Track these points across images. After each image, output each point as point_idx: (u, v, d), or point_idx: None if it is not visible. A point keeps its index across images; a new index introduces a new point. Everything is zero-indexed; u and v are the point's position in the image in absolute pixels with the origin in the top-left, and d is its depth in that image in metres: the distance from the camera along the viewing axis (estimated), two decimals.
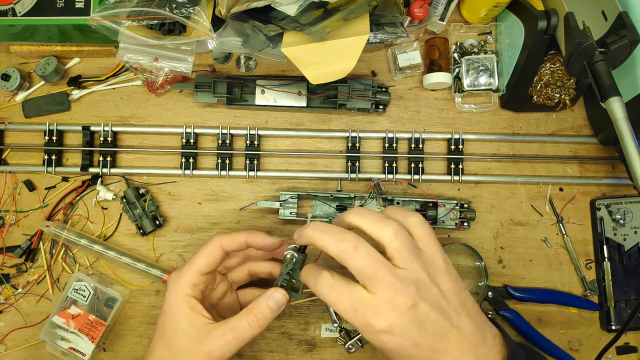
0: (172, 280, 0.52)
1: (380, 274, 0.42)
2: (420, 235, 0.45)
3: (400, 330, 0.41)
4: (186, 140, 0.65)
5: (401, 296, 0.41)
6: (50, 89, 0.67)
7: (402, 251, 0.43)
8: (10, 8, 0.61)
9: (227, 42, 0.59)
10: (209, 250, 0.52)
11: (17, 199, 0.65)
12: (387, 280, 0.41)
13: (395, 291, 0.41)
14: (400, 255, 0.43)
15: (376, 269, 0.42)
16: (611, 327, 0.63)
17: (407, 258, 0.43)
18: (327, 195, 0.64)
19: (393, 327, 0.41)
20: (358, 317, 0.42)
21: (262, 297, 0.49)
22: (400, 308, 0.41)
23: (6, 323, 0.63)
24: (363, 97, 0.63)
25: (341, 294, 0.43)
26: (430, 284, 0.43)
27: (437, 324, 0.42)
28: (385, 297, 0.41)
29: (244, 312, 0.49)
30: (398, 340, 0.41)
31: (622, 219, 0.64)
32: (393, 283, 0.41)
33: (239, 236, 0.52)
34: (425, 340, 0.42)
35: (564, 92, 0.63)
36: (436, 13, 0.64)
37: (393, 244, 0.43)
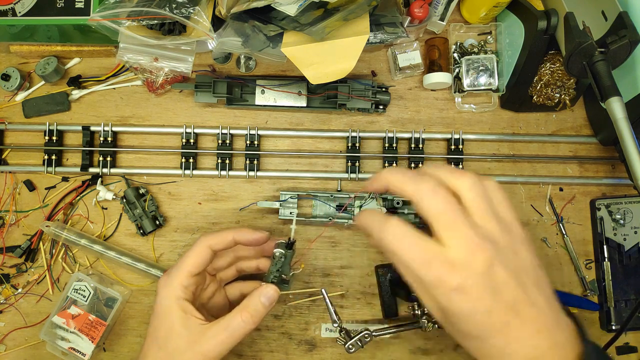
0: (163, 283, 0.51)
1: (459, 223, 0.39)
2: (498, 199, 0.41)
3: (475, 291, 0.38)
4: (186, 140, 0.65)
5: (480, 253, 0.38)
6: (50, 89, 0.67)
7: (480, 204, 0.40)
8: (10, 8, 0.61)
9: (227, 42, 0.59)
10: (197, 251, 0.51)
11: (17, 199, 0.65)
12: (465, 232, 0.38)
13: (474, 246, 0.38)
14: (479, 208, 0.40)
15: (455, 217, 0.39)
16: (611, 327, 0.63)
17: (486, 214, 0.40)
18: (327, 195, 0.64)
19: (468, 285, 0.38)
20: (431, 271, 0.38)
21: (254, 294, 0.50)
22: (477, 266, 0.38)
23: (6, 323, 0.63)
24: (363, 97, 0.63)
25: (413, 244, 0.39)
26: (509, 249, 0.39)
27: (514, 294, 0.38)
28: (462, 252, 0.38)
29: (237, 310, 0.49)
30: (471, 302, 0.38)
31: (622, 219, 0.64)
32: (472, 237, 0.38)
33: (227, 234, 0.52)
34: (499, 308, 0.38)
35: (564, 92, 0.63)
36: (436, 13, 0.64)
37: (470, 194, 0.40)
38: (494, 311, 0.38)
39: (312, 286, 0.64)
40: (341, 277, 0.64)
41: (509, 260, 0.39)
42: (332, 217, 0.63)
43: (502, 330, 0.38)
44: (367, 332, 0.57)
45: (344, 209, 0.63)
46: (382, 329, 0.60)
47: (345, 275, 0.64)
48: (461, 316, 0.39)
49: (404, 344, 0.63)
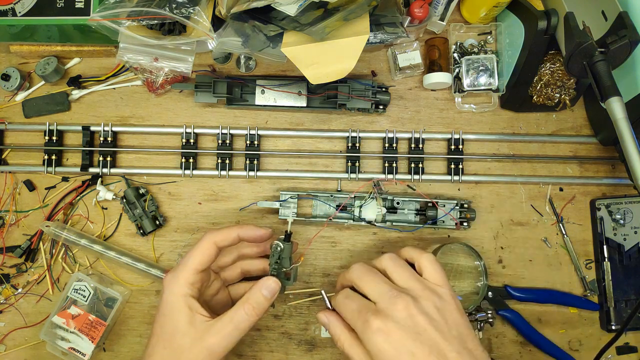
0: (169, 281, 0.51)
1: (380, 284, 0.48)
2: (430, 269, 0.50)
3: (396, 333, 0.44)
4: (186, 140, 0.65)
5: (400, 302, 0.45)
6: (50, 89, 0.67)
7: (399, 271, 0.49)
8: (10, 8, 0.61)
9: (227, 42, 0.59)
10: (203, 247, 0.52)
11: (17, 199, 0.65)
12: (385, 289, 0.47)
13: (395, 297, 0.46)
14: (398, 274, 0.49)
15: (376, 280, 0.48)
16: (611, 327, 0.63)
17: (406, 277, 0.48)
18: (327, 195, 0.64)
19: (389, 328, 0.44)
20: (360, 316, 0.46)
21: (255, 286, 0.51)
22: (397, 312, 0.45)
23: (6, 323, 0.63)
24: (363, 97, 0.63)
25: (353, 300, 0.49)
26: (431, 305, 0.46)
27: (435, 340, 0.44)
28: (385, 303, 0.46)
29: (239, 303, 0.50)
30: (393, 344, 0.44)
31: (622, 219, 0.64)
32: (392, 291, 0.47)
33: (231, 231, 0.53)
34: (421, 352, 0.43)
35: (564, 92, 0.63)
36: (436, 13, 0.64)
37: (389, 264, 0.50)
38: (416, 354, 0.43)
39: (312, 286, 0.64)
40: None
41: (430, 313, 0.46)
42: (332, 217, 0.63)
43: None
44: None
45: (342, 208, 0.63)
46: None
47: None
48: (383, 357, 0.44)
49: None
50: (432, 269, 0.50)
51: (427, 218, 0.63)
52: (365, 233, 0.65)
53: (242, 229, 0.54)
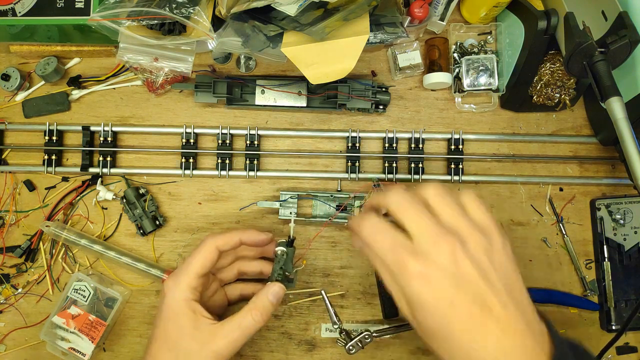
0: (170, 285, 0.51)
1: (425, 219, 0.40)
2: (473, 206, 0.43)
3: (437, 280, 0.39)
4: (186, 140, 0.65)
5: (444, 245, 0.39)
6: (50, 89, 0.67)
7: (446, 207, 0.41)
8: (10, 8, 0.61)
9: (227, 42, 0.59)
10: (205, 252, 0.52)
11: (17, 199, 0.65)
12: (430, 226, 0.40)
13: (438, 238, 0.39)
14: (445, 209, 0.41)
15: (421, 214, 0.41)
16: (611, 327, 0.63)
17: (452, 213, 0.41)
18: (327, 195, 0.64)
19: (429, 274, 0.39)
20: (395, 256, 0.40)
21: (261, 292, 0.51)
22: (441, 256, 0.39)
23: (6, 323, 0.63)
24: (363, 97, 0.63)
25: (384, 234, 0.42)
26: (480, 249, 0.40)
27: (479, 289, 0.39)
28: (426, 242, 0.40)
29: (246, 309, 0.50)
30: (432, 292, 0.39)
31: (622, 219, 0.64)
32: (436, 230, 0.40)
33: (233, 235, 0.53)
34: (463, 301, 0.38)
35: (564, 92, 0.63)
36: (436, 13, 0.64)
37: (435, 199, 0.42)
38: (456, 303, 0.38)
39: (312, 286, 0.64)
40: (341, 277, 0.64)
41: (477, 257, 0.39)
42: (331, 217, 0.63)
43: (466, 325, 0.38)
44: (367, 333, 0.57)
45: (342, 209, 0.63)
46: (382, 330, 0.60)
47: (345, 275, 0.64)
48: (425, 308, 0.39)
49: (404, 344, 0.63)
50: (478, 208, 0.43)
51: None
52: None
53: (245, 234, 0.54)
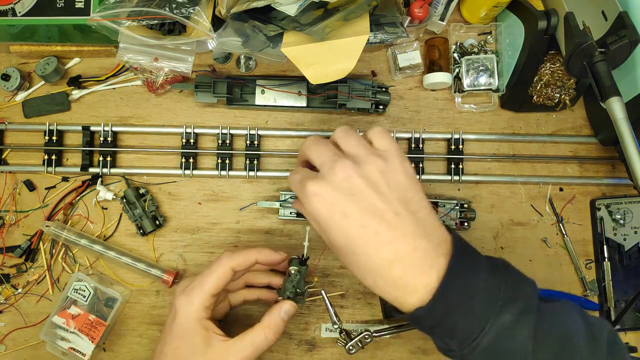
0: (183, 303, 0.50)
1: (325, 152, 0.46)
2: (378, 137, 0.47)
3: (330, 196, 0.43)
4: (186, 140, 0.65)
5: (338, 167, 0.44)
6: (50, 89, 0.67)
7: (348, 140, 0.46)
8: (10, 8, 0.61)
9: (227, 42, 0.59)
10: (220, 272, 0.51)
11: (17, 199, 0.65)
12: (329, 156, 0.45)
13: (334, 162, 0.44)
14: (346, 142, 0.46)
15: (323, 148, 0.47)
16: None
17: (353, 145, 0.46)
18: None
19: (323, 190, 0.43)
20: (300, 185, 0.45)
21: (274, 310, 0.52)
22: (334, 177, 0.43)
23: (6, 323, 0.63)
24: (363, 97, 0.63)
25: (296, 173, 0.48)
26: (374, 168, 0.44)
27: (371, 201, 0.42)
28: (325, 169, 0.45)
29: (259, 327, 0.51)
30: (327, 205, 0.43)
31: (622, 219, 0.64)
32: (334, 157, 0.45)
33: (249, 256, 0.53)
34: (354, 211, 0.42)
35: (564, 92, 0.63)
36: (436, 13, 0.64)
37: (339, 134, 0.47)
38: (349, 213, 0.42)
39: (312, 286, 0.64)
40: (341, 277, 0.64)
41: (371, 176, 0.44)
42: None
43: (360, 234, 0.42)
44: (367, 333, 0.57)
45: None
46: (382, 330, 0.60)
47: (345, 275, 0.64)
48: (324, 223, 0.43)
49: (404, 344, 0.63)
50: (380, 137, 0.47)
51: None
52: None
53: (261, 254, 0.53)
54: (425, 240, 0.42)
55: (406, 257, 0.42)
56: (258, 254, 0.53)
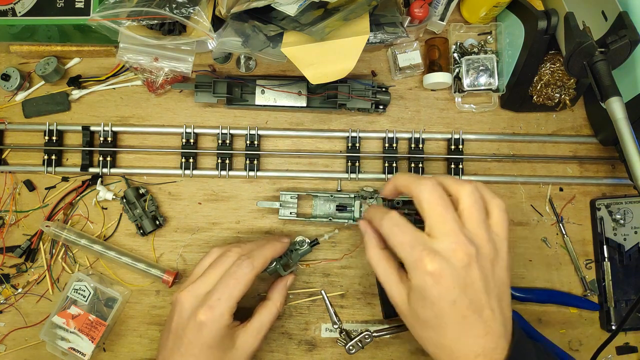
0: (211, 318, 0.50)
1: (449, 220, 0.43)
2: (497, 217, 0.46)
3: (448, 280, 0.42)
4: (186, 140, 0.65)
5: (462, 251, 0.42)
6: (50, 89, 0.67)
7: (475, 212, 0.44)
8: (10, 8, 0.61)
9: (227, 42, 0.59)
10: (247, 281, 0.52)
11: (17, 199, 0.65)
12: (453, 229, 0.43)
13: (459, 243, 0.42)
14: (472, 215, 0.44)
15: (446, 214, 0.43)
16: (611, 327, 0.63)
17: (477, 222, 0.44)
18: (327, 195, 0.64)
19: (442, 274, 0.42)
20: (413, 252, 0.43)
21: (279, 285, 0.58)
22: (456, 260, 0.42)
23: (6, 323, 0.63)
24: (363, 97, 0.63)
25: (405, 231, 0.45)
26: (488, 259, 0.44)
27: (478, 295, 0.43)
28: (446, 245, 0.43)
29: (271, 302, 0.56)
30: (441, 289, 0.42)
31: (622, 219, 0.64)
32: (459, 235, 0.43)
33: (268, 256, 0.55)
34: (462, 303, 0.42)
35: (564, 92, 0.63)
36: (436, 13, 0.64)
37: (467, 200, 0.44)
38: (458, 303, 0.42)
39: (312, 286, 0.64)
40: (341, 277, 0.64)
41: (485, 267, 0.44)
42: (332, 218, 0.63)
43: (458, 323, 0.43)
44: (367, 333, 0.57)
45: (341, 209, 0.63)
46: (382, 330, 0.60)
47: (345, 275, 0.64)
48: (428, 300, 0.43)
49: (404, 344, 0.63)
50: (500, 219, 0.46)
51: None
52: None
53: (276, 250, 0.57)
54: (504, 340, 0.44)
55: (488, 353, 0.43)
56: (273, 251, 0.56)
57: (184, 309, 0.51)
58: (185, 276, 0.64)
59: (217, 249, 0.56)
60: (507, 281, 0.46)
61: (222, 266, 0.53)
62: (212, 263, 0.54)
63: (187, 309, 0.51)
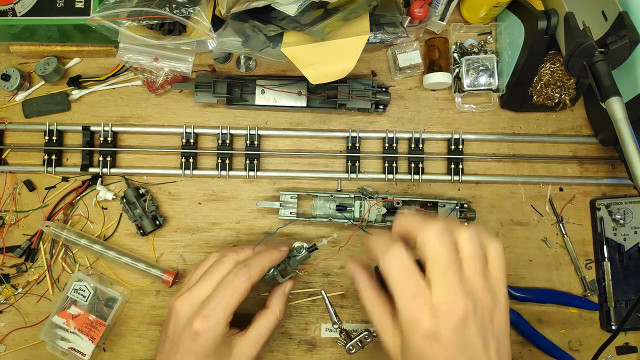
0: (206, 327, 0.49)
1: (450, 272, 0.40)
2: (495, 262, 0.43)
3: (445, 341, 0.40)
4: (186, 140, 0.65)
5: (459, 307, 0.40)
6: (50, 89, 0.67)
7: (474, 260, 0.42)
8: (10, 8, 0.61)
9: (227, 42, 0.59)
10: (244, 291, 0.51)
11: (17, 199, 0.65)
12: (453, 282, 0.40)
13: (456, 298, 0.40)
14: (472, 263, 0.42)
15: (448, 265, 0.41)
16: (611, 327, 0.63)
17: (477, 271, 0.42)
18: (327, 195, 0.64)
19: (441, 334, 0.40)
20: (413, 306, 0.40)
21: (279, 292, 0.56)
22: (454, 318, 0.40)
23: (6, 323, 0.63)
24: (363, 97, 0.63)
25: (410, 280, 0.41)
26: (487, 311, 0.41)
27: (477, 352, 0.40)
28: (445, 299, 0.40)
29: (270, 311, 0.55)
30: (438, 350, 0.40)
31: (622, 219, 0.64)
32: (458, 289, 0.40)
33: (266, 266, 0.54)
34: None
35: (564, 92, 0.63)
36: (436, 13, 0.64)
37: (468, 247, 0.42)
38: None
39: (312, 286, 0.64)
40: (341, 277, 0.64)
41: (483, 321, 0.41)
42: (332, 218, 0.63)
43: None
44: (367, 333, 0.57)
45: (341, 209, 0.63)
46: None
47: (345, 275, 0.64)
48: (423, 358, 0.40)
49: None
50: (499, 264, 0.43)
51: None
52: (365, 233, 0.65)
53: (274, 259, 0.56)
54: None
55: None
56: (270, 261, 0.55)
57: (179, 316, 0.51)
58: (185, 276, 0.64)
59: (215, 253, 0.56)
60: (506, 330, 0.43)
61: (218, 273, 0.52)
62: (209, 269, 0.54)
63: (183, 317, 0.51)
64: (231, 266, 0.53)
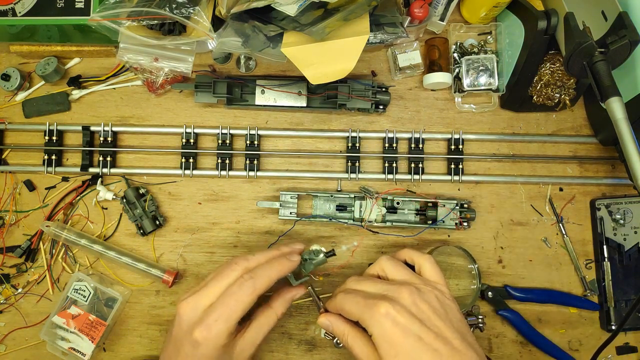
0: (206, 337, 0.48)
1: (385, 285, 0.50)
2: (429, 269, 0.52)
3: (404, 316, 0.45)
4: (186, 140, 0.65)
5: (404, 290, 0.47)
6: (50, 89, 0.67)
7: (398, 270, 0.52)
8: (10, 8, 0.61)
9: (227, 42, 0.59)
10: (248, 302, 0.50)
11: (17, 199, 0.65)
12: (389, 285, 0.49)
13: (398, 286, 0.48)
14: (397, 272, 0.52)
15: (381, 284, 0.50)
16: (611, 327, 0.63)
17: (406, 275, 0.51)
18: (327, 195, 0.64)
19: (396, 310, 0.45)
20: (366, 304, 0.47)
21: (286, 295, 0.55)
22: (403, 299, 0.47)
23: (6, 323, 0.63)
24: (363, 97, 0.63)
25: (355, 295, 0.49)
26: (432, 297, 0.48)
27: (440, 329, 0.45)
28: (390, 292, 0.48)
29: (272, 311, 0.54)
30: (401, 327, 0.45)
31: (622, 219, 0.64)
32: (394, 284, 0.49)
33: (273, 277, 0.52)
34: (428, 336, 0.44)
35: (564, 92, 0.63)
36: (436, 13, 0.64)
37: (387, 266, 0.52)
38: (424, 337, 0.44)
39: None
40: (341, 277, 0.64)
41: (433, 304, 0.47)
42: (332, 218, 0.63)
43: (433, 358, 0.44)
44: None
45: (341, 208, 0.63)
46: None
47: (345, 275, 0.64)
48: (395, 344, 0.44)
49: None
50: (432, 269, 0.51)
51: (427, 218, 0.63)
52: (365, 233, 0.65)
53: (283, 270, 0.53)
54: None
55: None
56: (280, 272, 0.52)
57: (182, 321, 0.50)
58: (185, 276, 0.64)
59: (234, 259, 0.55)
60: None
61: (225, 280, 0.51)
62: (217, 275, 0.52)
63: (185, 322, 0.50)
64: (239, 273, 0.51)
